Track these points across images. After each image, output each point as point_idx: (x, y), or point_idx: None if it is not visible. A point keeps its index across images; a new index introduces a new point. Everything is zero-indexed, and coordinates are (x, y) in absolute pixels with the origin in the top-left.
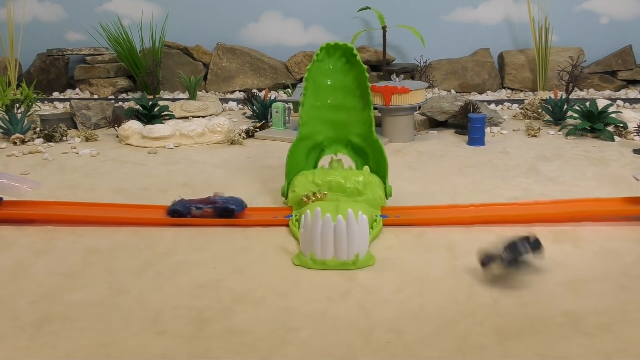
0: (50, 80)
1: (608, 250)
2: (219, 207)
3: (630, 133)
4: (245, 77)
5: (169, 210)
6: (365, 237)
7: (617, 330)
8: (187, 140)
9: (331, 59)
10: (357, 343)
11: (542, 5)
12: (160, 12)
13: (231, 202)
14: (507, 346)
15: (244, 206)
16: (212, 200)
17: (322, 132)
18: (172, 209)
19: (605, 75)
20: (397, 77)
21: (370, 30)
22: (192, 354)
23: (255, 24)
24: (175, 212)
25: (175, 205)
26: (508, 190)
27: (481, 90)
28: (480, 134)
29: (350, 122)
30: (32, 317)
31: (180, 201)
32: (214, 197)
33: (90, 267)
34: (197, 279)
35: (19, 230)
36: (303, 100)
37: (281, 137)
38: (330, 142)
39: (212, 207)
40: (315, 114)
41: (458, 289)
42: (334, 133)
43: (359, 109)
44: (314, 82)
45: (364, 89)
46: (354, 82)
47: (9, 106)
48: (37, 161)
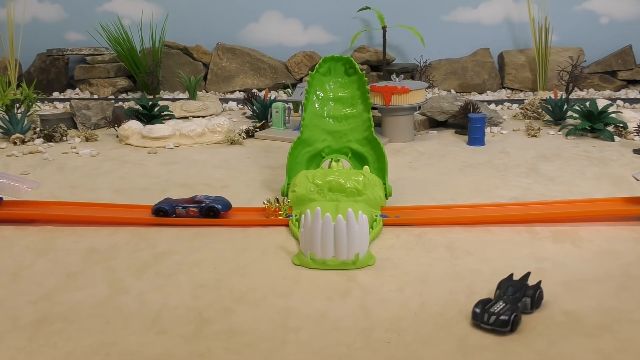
0: (50, 80)
1: (608, 250)
2: (205, 207)
3: (630, 133)
4: (245, 77)
5: (154, 209)
6: (365, 237)
7: (617, 330)
8: (187, 140)
9: (332, 73)
10: (357, 343)
11: (542, 5)
12: (160, 12)
13: (218, 202)
14: (507, 346)
15: (229, 206)
16: (198, 200)
17: (323, 140)
18: (157, 208)
19: (605, 75)
20: (397, 77)
21: (370, 30)
22: (192, 354)
23: (255, 24)
24: (160, 211)
25: (161, 204)
26: (508, 190)
27: (481, 90)
28: (480, 134)
29: (350, 130)
30: (32, 317)
31: (166, 200)
32: (200, 197)
33: (90, 267)
34: (197, 279)
35: (19, 230)
36: (305, 103)
37: (281, 137)
38: (330, 151)
39: (198, 207)
40: (317, 123)
41: (458, 289)
42: (334, 142)
43: (359, 115)
44: (316, 93)
45: (364, 96)
46: (354, 92)
47: (9, 106)
48: (37, 161)
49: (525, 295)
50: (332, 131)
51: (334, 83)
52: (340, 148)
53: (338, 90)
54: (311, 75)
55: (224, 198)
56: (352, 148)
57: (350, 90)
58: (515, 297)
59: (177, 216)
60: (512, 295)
